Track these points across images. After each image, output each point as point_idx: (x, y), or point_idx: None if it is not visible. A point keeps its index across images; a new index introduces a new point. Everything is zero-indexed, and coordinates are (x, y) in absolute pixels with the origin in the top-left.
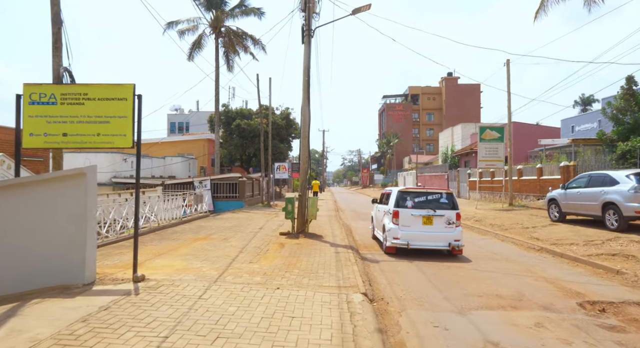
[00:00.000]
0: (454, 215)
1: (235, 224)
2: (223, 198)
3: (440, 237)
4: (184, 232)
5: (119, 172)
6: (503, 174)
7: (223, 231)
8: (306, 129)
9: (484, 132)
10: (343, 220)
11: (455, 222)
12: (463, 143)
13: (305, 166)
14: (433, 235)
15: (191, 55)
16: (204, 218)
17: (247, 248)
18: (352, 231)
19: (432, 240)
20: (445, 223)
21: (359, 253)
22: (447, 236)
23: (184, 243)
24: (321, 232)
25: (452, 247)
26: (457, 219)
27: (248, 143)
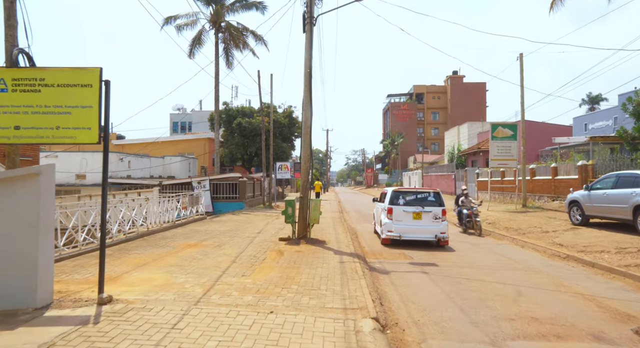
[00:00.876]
0: (440, 211)
1: (232, 228)
2: (223, 199)
3: (428, 230)
4: (175, 237)
5: (114, 172)
6: (513, 173)
7: (218, 236)
8: (308, 124)
9: (495, 129)
10: (347, 222)
11: (441, 217)
12: (470, 142)
13: (307, 165)
14: (422, 229)
15: (191, 52)
16: (200, 221)
17: (242, 257)
18: (358, 235)
19: (421, 232)
20: (433, 218)
21: (366, 263)
22: (434, 229)
23: (171, 251)
24: (324, 237)
25: (437, 239)
26: (443, 215)
27: (250, 142)
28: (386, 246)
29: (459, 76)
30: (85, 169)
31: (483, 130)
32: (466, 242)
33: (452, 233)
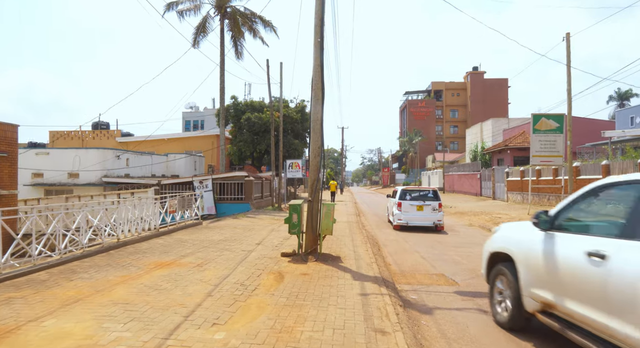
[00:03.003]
0: (437, 204)
1: (227, 237)
2: (228, 200)
3: (428, 219)
4: (149, 251)
5: (110, 170)
6: (552, 172)
7: (205, 249)
8: (319, 108)
9: (538, 121)
10: (367, 228)
11: (438, 208)
12: (494, 139)
13: (317, 160)
14: (423, 217)
15: (196, 40)
16: (193, 227)
17: (225, 285)
18: (381, 246)
19: (423, 220)
20: (432, 210)
21: (397, 294)
22: (432, 217)
23: (132, 274)
24: (339, 251)
25: (435, 225)
26: (439, 207)
27: (259, 139)
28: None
29: (480, 72)
30: (79, 166)
31: (509, 126)
32: None
33: None
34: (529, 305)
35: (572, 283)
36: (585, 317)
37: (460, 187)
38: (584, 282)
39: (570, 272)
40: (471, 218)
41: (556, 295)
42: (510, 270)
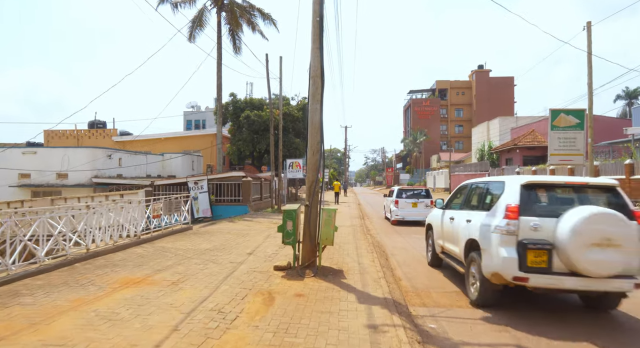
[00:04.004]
0: (429, 201)
1: (217, 245)
2: (225, 202)
3: (422, 214)
4: (122, 263)
5: (101, 170)
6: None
7: (187, 261)
8: (318, 97)
9: (557, 117)
10: (371, 233)
11: (430, 205)
12: (501, 139)
13: (315, 159)
14: (417, 213)
15: (192, 34)
16: (181, 233)
17: (199, 313)
18: (389, 256)
19: (417, 215)
20: (425, 206)
21: (413, 324)
22: (425, 213)
23: (90, 296)
24: (341, 263)
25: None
26: (432, 204)
27: (259, 137)
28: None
29: (485, 70)
30: (67, 166)
31: (517, 125)
32: None
33: None
34: (437, 248)
35: (446, 233)
36: (450, 249)
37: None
38: (449, 231)
39: (445, 228)
40: None
41: (443, 240)
42: (431, 232)
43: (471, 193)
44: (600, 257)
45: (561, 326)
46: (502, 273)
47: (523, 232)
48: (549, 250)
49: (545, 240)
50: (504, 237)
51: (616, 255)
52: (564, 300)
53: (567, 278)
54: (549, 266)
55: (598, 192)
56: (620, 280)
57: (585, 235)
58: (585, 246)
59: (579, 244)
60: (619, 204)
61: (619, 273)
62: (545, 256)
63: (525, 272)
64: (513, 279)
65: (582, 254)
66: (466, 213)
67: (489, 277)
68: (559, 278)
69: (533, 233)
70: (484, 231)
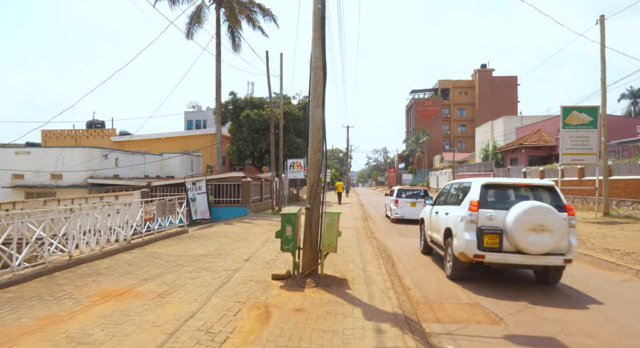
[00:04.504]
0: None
1: (212, 250)
2: (224, 203)
3: (419, 213)
4: (106, 272)
5: (97, 171)
6: (578, 172)
7: (178, 269)
8: (319, 91)
9: (569, 114)
10: (376, 236)
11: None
12: (506, 138)
13: (316, 158)
14: (415, 212)
15: (190, 32)
16: (175, 237)
17: (183, 334)
18: (395, 261)
19: (415, 214)
20: (422, 206)
21: (427, 343)
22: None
23: (63, 312)
24: (345, 270)
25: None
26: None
27: (260, 137)
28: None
29: (488, 70)
30: (62, 167)
31: (522, 124)
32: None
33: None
34: (427, 238)
35: (433, 224)
36: (435, 237)
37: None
38: (435, 223)
39: (432, 220)
40: None
41: (431, 231)
42: (423, 225)
43: (450, 192)
44: (536, 239)
45: (514, 293)
46: (466, 252)
47: (481, 221)
48: (500, 234)
49: (497, 227)
50: (468, 224)
51: (548, 238)
52: (523, 277)
53: (513, 255)
54: (500, 246)
55: (541, 190)
56: (552, 257)
57: (525, 223)
58: (525, 231)
59: (520, 229)
60: (555, 199)
61: (551, 251)
62: (497, 239)
63: (482, 251)
64: (473, 256)
65: (523, 237)
66: (446, 208)
67: (458, 255)
68: (507, 255)
69: (489, 222)
70: (455, 221)
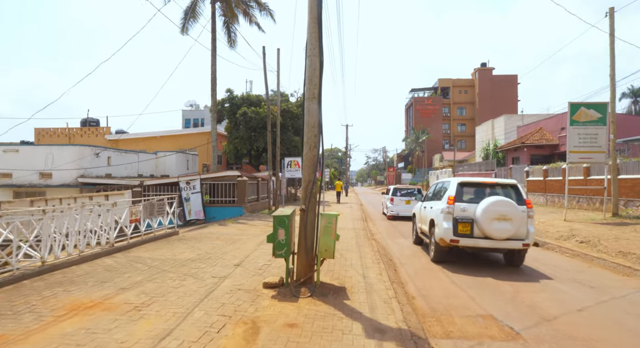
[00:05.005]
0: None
1: (201, 253)
2: (219, 203)
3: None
4: (82, 279)
5: (88, 169)
6: (583, 171)
7: (162, 275)
8: (316, 80)
9: (576, 111)
10: (376, 237)
11: None
12: (507, 137)
13: (312, 154)
14: (410, 209)
15: (184, 26)
16: (164, 239)
17: None
18: (397, 266)
19: (409, 211)
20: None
21: None
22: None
23: (16, 331)
24: (344, 277)
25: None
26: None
27: (257, 135)
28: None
29: (488, 68)
30: (52, 165)
31: (523, 123)
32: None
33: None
34: (418, 230)
35: (422, 217)
36: (423, 228)
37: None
38: (423, 216)
39: (421, 214)
40: None
41: (420, 223)
42: (414, 218)
43: (435, 189)
44: (499, 226)
45: (482, 272)
46: (444, 238)
47: (456, 212)
48: (471, 223)
49: (469, 217)
50: (446, 215)
51: (509, 226)
52: (494, 261)
53: (481, 240)
54: (471, 233)
55: (506, 187)
56: (513, 241)
57: (490, 213)
58: (490, 220)
59: (486, 219)
60: (517, 195)
61: (512, 237)
62: (469, 227)
63: (457, 237)
64: (450, 241)
65: (488, 225)
66: (431, 203)
67: (438, 241)
68: (477, 240)
69: (462, 213)
70: (437, 213)
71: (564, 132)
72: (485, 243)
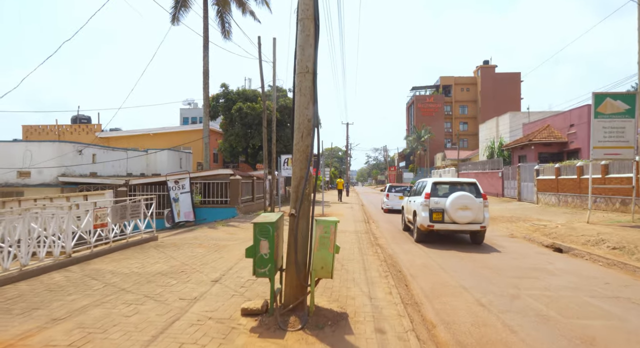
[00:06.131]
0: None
1: (176, 265)
2: (211, 203)
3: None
4: (6, 306)
5: (70, 168)
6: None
7: (116, 297)
8: (310, 51)
9: (602, 102)
10: (380, 242)
11: None
12: (512, 135)
13: (305, 144)
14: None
15: (175, 16)
16: (137, 246)
17: None
18: (408, 280)
19: (400, 205)
20: None
21: None
22: None
23: None
24: (345, 300)
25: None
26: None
27: (253, 132)
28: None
29: (491, 66)
30: (30, 163)
31: (530, 120)
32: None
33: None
34: (406, 220)
35: (408, 209)
36: (409, 218)
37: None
38: (408, 208)
39: (407, 207)
40: (508, 226)
41: (407, 215)
42: (403, 211)
43: (417, 187)
44: (462, 214)
45: (450, 248)
46: (423, 224)
47: (431, 205)
48: (442, 212)
49: (441, 208)
50: (424, 207)
51: (470, 213)
52: (462, 240)
53: (450, 224)
54: (442, 219)
55: (468, 185)
56: (473, 225)
57: (455, 205)
58: (456, 209)
59: (453, 208)
60: (476, 190)
61: (472, 221)
62: (441, 215)
63: (432, 222)
64: (427, 226)
65: (455, 213)
66: (414, 198)
67: (419, 226)
68: (447, 224)
69: (436, 205)
70: (417, 205)
71: (573, 129)
72: (453, 226)
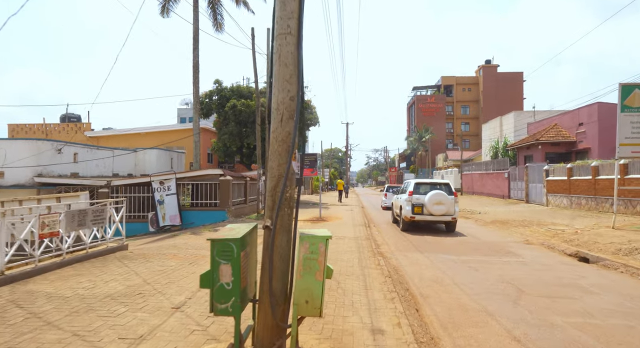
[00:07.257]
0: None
1: (135, 284)
2: (200, 206)
3: None
4: None
5: (47, 167)
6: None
7: (36, 336)
8: (294, 5)
9: (630, 93)
10: (383, 250)
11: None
12: (517, 135)
13: (285, 131)
14: None
15: (165, 7)
16: (101, 257)
17: None
18: (419, 302)
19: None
20: None
21: None
22: None
23: None
24: (339, 337)
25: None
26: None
27: (248, 131)
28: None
29: (493, 65)
30: (3, 162)
31: (535, 119)
32: None
33: None
34: (394, 214)
35: (396, 204)
36: (397, 212)
37: (482, 188)
38: (397, 203)
39: (395, 203)
40: (521, 231)
41: (395, 209)
42: (392, 207)
43: (403, 187)
44: (437, 208)
45: (428, 234)
46: (407, 216)
47: (414, 200)
48: (422, 206)
49: (421, 203)
50: (408, 202)
51: (443, 207)
52: (439, 229)
53: (428, 216)
54: (422, 212)
55: (443, 185)
56: (446, 216)
57: (432, 200)
58: (432, 204)
59: (430, 203)
60: (449, 189)
61: (445, 214)
62: (421, 208)
63: (414, 214)
64: (410, 218)
65: (432, 207)
66: (400, 195)
67: (404, 218)
68: (425, 216)
69: (417, 201)
70: (403, 201)
71: (582, 128)
72: (430, 218)
